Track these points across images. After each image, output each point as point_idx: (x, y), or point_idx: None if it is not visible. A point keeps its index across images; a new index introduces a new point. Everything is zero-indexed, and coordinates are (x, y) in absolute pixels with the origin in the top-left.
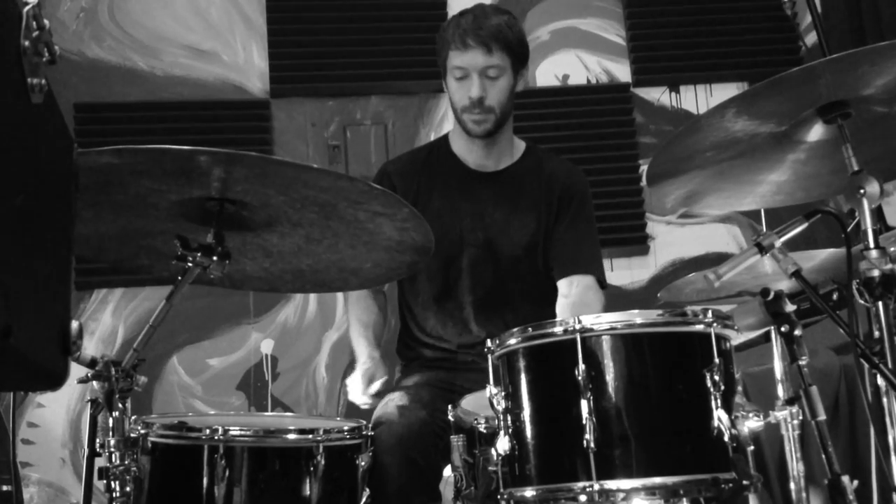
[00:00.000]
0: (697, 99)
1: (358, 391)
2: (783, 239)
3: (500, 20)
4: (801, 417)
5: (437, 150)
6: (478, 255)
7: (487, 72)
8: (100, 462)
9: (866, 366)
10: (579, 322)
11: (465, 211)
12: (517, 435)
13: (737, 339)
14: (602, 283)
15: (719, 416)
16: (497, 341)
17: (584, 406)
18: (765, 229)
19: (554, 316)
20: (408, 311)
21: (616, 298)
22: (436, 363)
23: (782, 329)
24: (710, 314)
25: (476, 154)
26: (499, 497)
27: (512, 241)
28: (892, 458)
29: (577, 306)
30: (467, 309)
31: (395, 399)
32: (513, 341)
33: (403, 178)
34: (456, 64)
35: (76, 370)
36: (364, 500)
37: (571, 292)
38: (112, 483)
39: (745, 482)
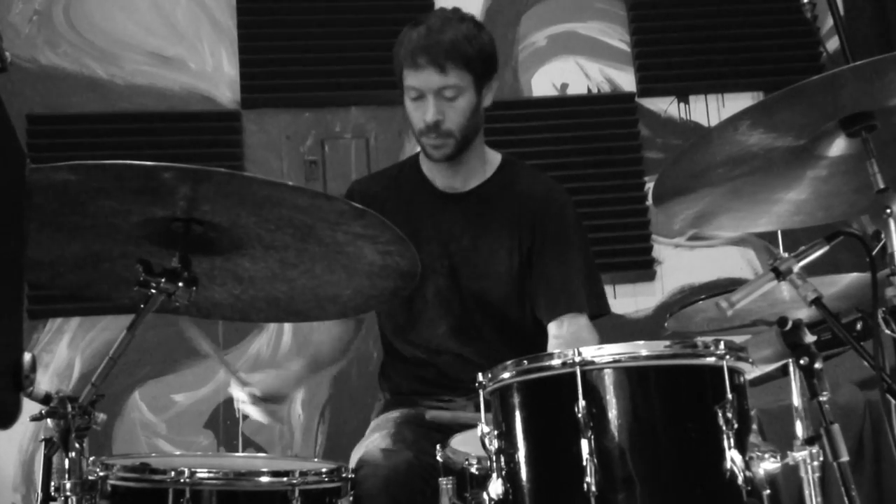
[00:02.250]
0: (708, 110)
1: (251, 384)
2: (802, 263)
3: (457, 32)
4: (821, 458)
5: (407, 169)
6: (444, 283)
7: (444, 92)
8: None
9: (893, 402)
10: (579, 354)
11: (430, 236)
12: (511, 477)
13: (751, 372)
14: (598, 313)
15: (732, 457)
16: (489, 375)
17: (585, 446)
18: (782, 253)
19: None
20: (383, 336)
21: (619, 328)
22: (414, 397)
23: (801, 362)
24: (722, 345)
25: (442, 174)
26: None
27: (479, 270)
28: None
29: (569, 345)
30: (436, 341)
31: (377, 441)
32: (506, 375)
33: (366, 199)
34: (409, 84)
35: (29, 407)
36: None
37: (562, 334)
38: None
39: None
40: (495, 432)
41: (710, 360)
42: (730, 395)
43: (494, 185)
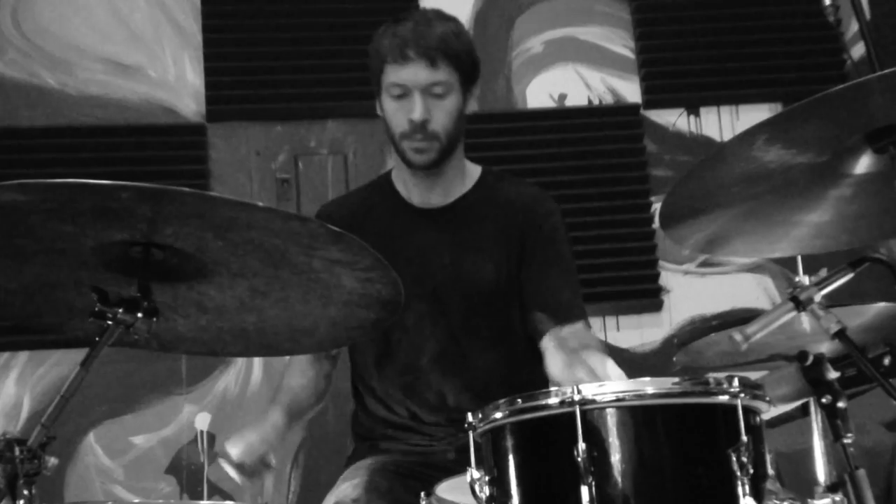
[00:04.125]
0: (721, 123)
1: (233, 452)
2: (824, 292)
3: (446, 28)
4: None
5: (378, 188)
6: (425, 308)
7: (432, 89)
8: None
9: None
10: (579, 392)
11: (407, 257)
12: None
13: (769, 412)
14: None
15: None
16: (479, 416)
17: (585, 493)
18: (802, 280)
19: (527, 375)
20: (356, 375)
21: (623, 363)
22: (389, 442)
23: (823, 400)
24: (736, 383)
25: (420, 188)
26: None
27: (465, 290)
28: None
29: (578, 353)
30: (414, 374)
31: (347, 491)
32: (498, 415)
33: (334, 222)
34: (393, 80)
35: None
36: None
37: (565, 343)
38: None
39: None
40: (486, 478)
41: (723, 398)
42: (745, 438)
43: (475, 197)
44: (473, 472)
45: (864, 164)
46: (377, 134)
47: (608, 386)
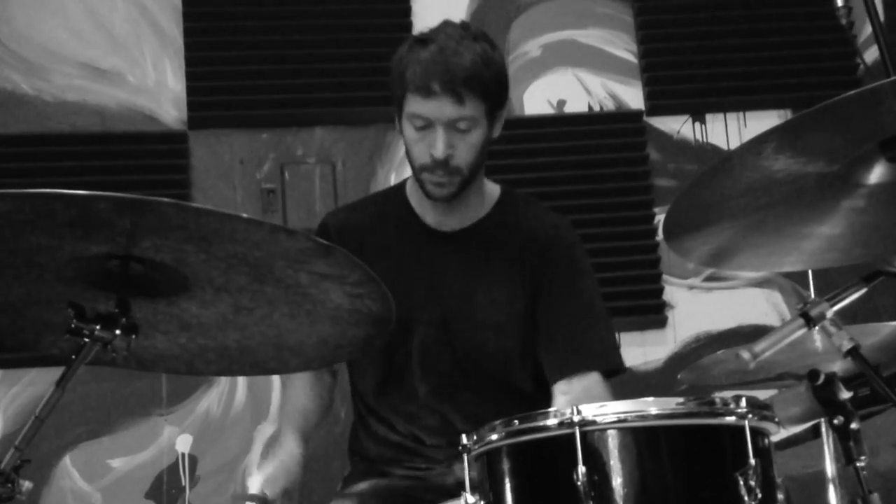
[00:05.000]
0: (728, 131)
1: (255, 488)
2: (836, 308)
3: (475, 55)
4: None
5: (391, 202)
6: (432, 335)
7: (456, 125)
8: None
9: None
10: (578, 413)
11: (418, 280)
12: None
13: (778, 434)
14: (617, 369)
15: None
16: (475, 437)
17: None
18: (813, 296)
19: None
20: (357, 397)
21: (625, 383)
22: (387, 463)
23: (835, 422)
24: (743, 403)
25: (435, 210)
26: None
27: (475, 319)
28: None
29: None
30: (418, 402)
31: None
32: (494, 437)
33: (344, 234)
34: (416, 111)
35: None
36: None
37: (572, 389)
38: None
39: None
40: (482, 503)
41: (730, 419)
42: (752, 461)
43: (493, 221)
44: (468, 497)
45: (877, 173)
46: (367, 142)
47: (609, 406)
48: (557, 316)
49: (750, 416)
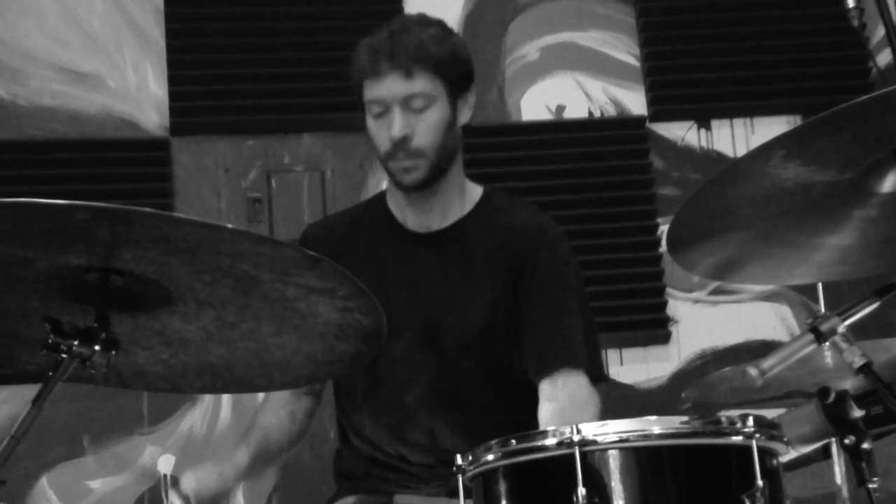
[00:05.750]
0: (734, 137)
1: (184, 486)
2: (848, 323)
3: (425, 34)
4: None
5: (371, 209)
6: (416, 340)
7: (411, 103)
8: None
9: None
10: (578, 432)
11: (397, 285)
12: None
13: (787, 454)
14: (597, 375)
15: None
16: (469, 458)
17: None
18: (823, 310)
19: (529, 417)
20: (341, 413)
21: (627, 401)
22: (374, 482)
23: (846, 441)
24: (751, 422)
25: (414, 210)
26: None
27: (460, 323)
28: None
29: (565, 413)
30: (403, 411)
31: None
32: (490, 457)
33: (321, 244)
34: (371, 97)
35: None
36: None
37: (557, 395)
38: None
39: None
40: None
41: (737, 439)
42: (760, 482)
43: (474, 220)
44: None
45: (891, 181)
46: (357, 149)
47: (610, 425)
48: (540, 317)
49: (757, 435)
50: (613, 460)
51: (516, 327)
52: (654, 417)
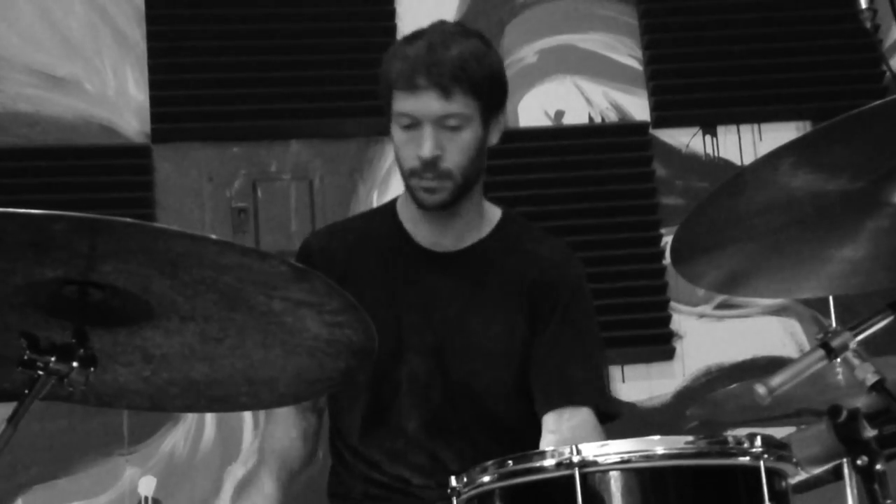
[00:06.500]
0: (741, 144)
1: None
2: (860, 338)
3: (465, 49)
4: None
5: (380, 220)
6: (423, 364)
7: (445, 122)
8: None
9: None
10: (578, 453)
11: (408, 305)
12: None
13: (796, 476)
14: (606, 413)
15: None
16: (465, 479)
17: None
18: (834, 325)
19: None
20: (337, 433)
21: (629, 420)
22: (370, 502)
23: (858, 462)
24: (758, 442)
25: (429, 227)
26: None
27: (471, 348)
28: None
29: (567, 442)
30: (406, 438)
31: None
32: (486, 479)
33: (327, 256)
34: (402, 109)
35: None
36: None
37: (560, 428)
38: None
39: None
40: None
41: (744, 459)
42: None
43: (493, 244)
44: None
45: None
46: (347, 156)
47: (612, 445)
48: (552, 350)
49: (766, 456)
50: (615, 482)
51: (528, 357)
52: (657, 437)
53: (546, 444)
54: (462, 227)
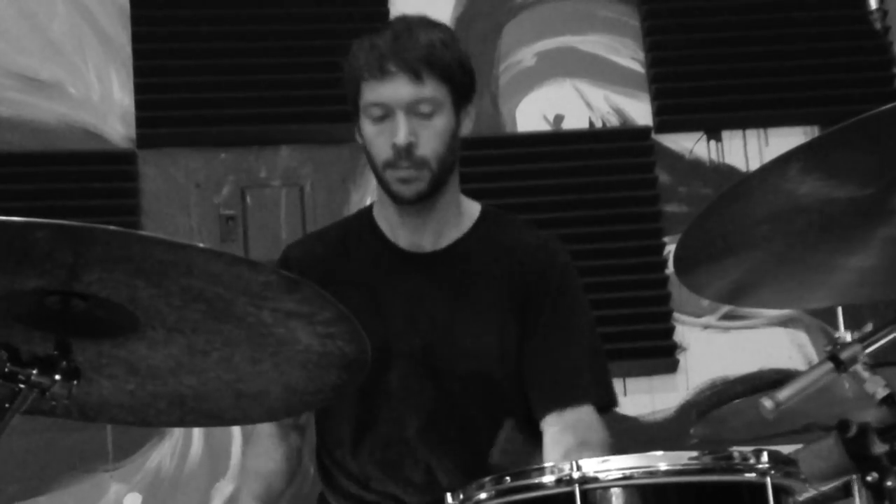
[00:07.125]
0: (747, 149)
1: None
2: (870, 350)
3: (433, 36)
4: None
5: (357, 226)
6: (412, 369)
7: (417, 108)
8: None
9: None
10: (578, 469)
11: (393, 309)
12: None
13: (804, 492)
14: (606, 405)
15: None
16: (461, 496)
17: None
18: (843, 336)
19: (538, 456)
20: (324, 448)
21: (632, 434)
22: None
23: (869, 478)
24: (765, 458)
25: (407, 228)
26: None
27: (460, 348)
28: None
29: (571, 454)
30: (399, 446)
31: None
32: (483, 495)
33: (304, 265)
34: (372, 99)
35: None
36: None
37: (563, 437)
38: None
39: None
40: None
41: (751, 475)
42: None
43: (474, 241)
44: None
45: None
46: (339, 162)
47: (613, 461)
48: (546, 348)
49: (772, 472)
50: (616, 499)
51: (520, 354)
52: (660, 453)
53: (548, 451)
54: (440, 225)
